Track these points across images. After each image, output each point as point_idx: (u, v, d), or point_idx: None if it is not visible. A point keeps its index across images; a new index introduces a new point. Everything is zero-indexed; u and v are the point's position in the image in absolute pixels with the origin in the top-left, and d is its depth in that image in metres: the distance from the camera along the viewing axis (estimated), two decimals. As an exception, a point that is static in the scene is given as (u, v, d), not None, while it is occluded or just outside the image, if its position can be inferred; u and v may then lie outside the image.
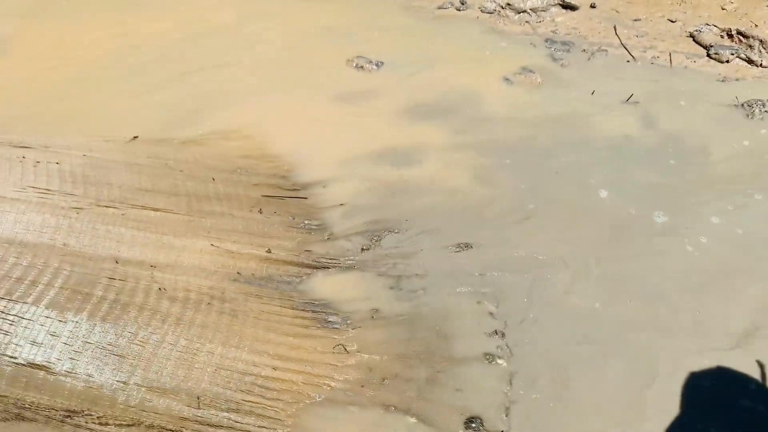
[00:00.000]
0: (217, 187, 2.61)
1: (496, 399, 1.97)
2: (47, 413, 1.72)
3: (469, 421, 1.90)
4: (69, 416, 1.72)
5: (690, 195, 2.69)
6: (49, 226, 2.20)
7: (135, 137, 2.84)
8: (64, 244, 2.16)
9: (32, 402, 1.73)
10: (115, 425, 1.75)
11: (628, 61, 3.61)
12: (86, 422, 1.73)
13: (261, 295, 2.19)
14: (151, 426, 1.78)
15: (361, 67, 3.66)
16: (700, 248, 2.44)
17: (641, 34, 3.77)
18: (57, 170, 2.38)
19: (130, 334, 1.86)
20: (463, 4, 4.15)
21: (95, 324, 1.85)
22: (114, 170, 2.51)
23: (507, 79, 3.45)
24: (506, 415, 1.93)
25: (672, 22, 3.79)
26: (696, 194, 2.69)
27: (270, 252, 2.36)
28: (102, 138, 2.83)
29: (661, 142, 3.00)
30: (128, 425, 1.76)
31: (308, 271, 2.38)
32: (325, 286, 2.31)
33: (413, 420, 1.91)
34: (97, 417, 1.73)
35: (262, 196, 2.64)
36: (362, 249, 2.47)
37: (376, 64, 3.66)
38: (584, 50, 3.71)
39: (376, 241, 2.51)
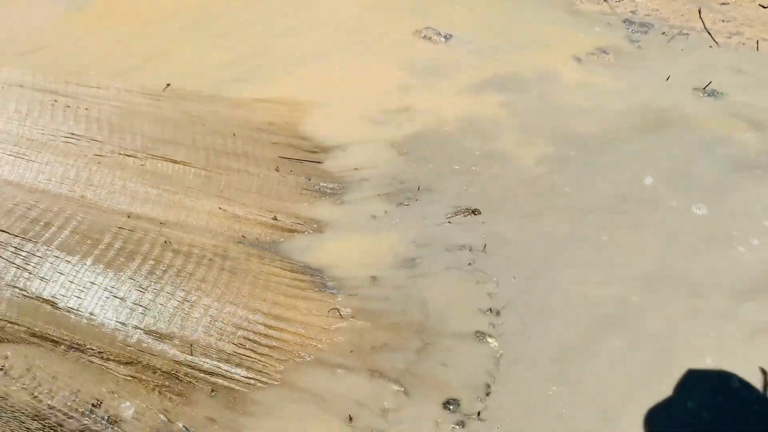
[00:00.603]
0: (243, 146, 2.69)
1: (479, 379, 1.98)
2: (53, 342, 1.82)
3: (448, 402, 1.90)
4: (72, 348, 1.82)
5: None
6: (68, 179, 2.32)
7: (168, 85, 2.90)
8: (82, 197, 2.27)
9: (40, 331, 1.83)
10: (115, 361, 1.83)
11: (710, 47, 3.41)
12: (88, 354, 1.82)
13: (262, 256, 2.25)
14: (147, 366, 1.86)
15: (429, 38, 3.57)
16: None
17: (728, 18, 3.58)
18: (85, 116, 2.50)
19: (131, 281, 1.94)
20: None
21: (100, 268, 1.95)
22: (140, 119, 2.62)
23: (578, 59, 3.36)
24: (486, 395, 1.93)
25: (764, 8, 3.58)
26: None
27: (276, 219, 2.42)
28: (142, 89, 2.94)
29: (748, 138, 2.82)
30: (126, 363, 1.84)
31: (313, 236, 2.43)
32: (328, 251, 2.36)
33: (396, 388, 1.93)
34: (98, 351, 1.81)
35: (286, 158, 2.70)
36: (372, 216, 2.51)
37: (445, 36, 3.57)
38: (664, 33, 3.55)
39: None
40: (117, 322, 1.89)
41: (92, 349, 1.82)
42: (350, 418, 1.84)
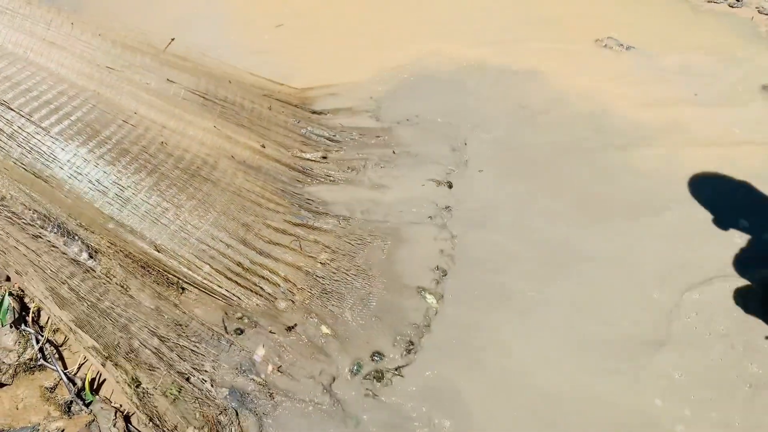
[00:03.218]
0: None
1: (407, 335, 2.11)
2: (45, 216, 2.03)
3: (374, 354, 2.03)
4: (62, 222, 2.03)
5: None
6: (84, 74, 2.50)
7: (172, 39, 3.02)
8: (95, 91, 2.45)
9: (37, 200, 2.03)
10: (98, 236, 2.04)
11: None
12: (75, 227, 2.04)
13: (249, 173, 2.44)
14: (122, 250, 2.06)
15: (610, 47, 3.53)
16: None
17: None
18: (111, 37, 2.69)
19: (115, 177, 2.13)
20: (738, 0, 3.80)
21: (91, 159, 2.14)
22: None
23: (765, 87, 3.13)
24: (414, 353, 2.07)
25: None
26: None
27: (264, 147, 2.60)
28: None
29: None
30: (108, 243, 2.05)
31: (296, 174, 2.62)
32: (310, 187, 2.55)
33: (327, 331, 2.09)
34: (82, 225, 2.02)
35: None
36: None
37: (626, 48, 3.50)
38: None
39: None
40: (97, 209, 2.08)
41: (78, 221, 2.03)
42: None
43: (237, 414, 1.80)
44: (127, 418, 1.73)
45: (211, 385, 1.84)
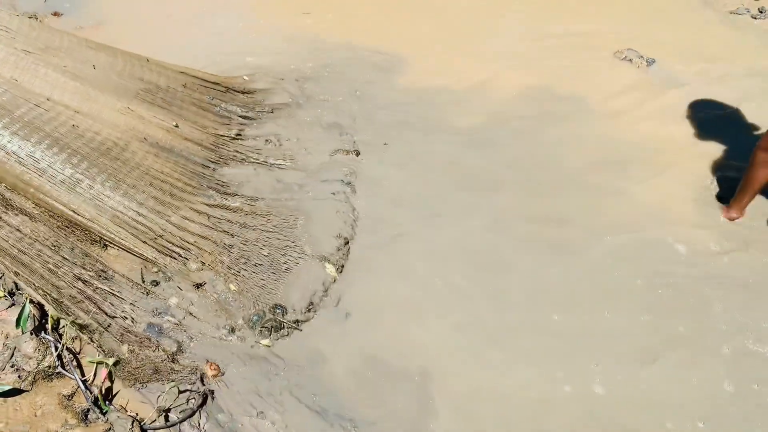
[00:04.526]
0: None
1: (310, 295, 2.36)
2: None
3: (275, 306, 2.28)
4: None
5: None
6: (-2, 58, 2.65)
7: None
8: (11, 77, 2.60)
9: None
10: (21, 197, 2.25)
11: None
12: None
13: (159, 155, 2.66)
14: (48, 211, 2.27)
15: (630, 60, 3.37)
16: None
17: None
18: (29, 21, 2.82)
19: (30, 150, 2.32)
20: (762, 12, 3.70)
21: (6, 134, 2.31)
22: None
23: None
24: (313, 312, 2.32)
25: None
26: None
27: (177, 126, 2.83)
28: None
29: None
30: (33, 205, 2.25)
31: (207, 153, 2.85)
32: (221, 166, 2.79)
33: (233, 287, 2.32)
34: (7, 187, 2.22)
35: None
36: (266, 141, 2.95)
37: (647, 61, 3.35)
38: None
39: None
40: (12, 176, 2.28)
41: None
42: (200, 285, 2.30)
43: (158, 341, 2.05)
44: (143, 428, 1.78)
45: (132, 321, 2.09)
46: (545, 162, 2.98)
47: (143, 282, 2.26)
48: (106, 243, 2.39)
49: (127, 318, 2.17)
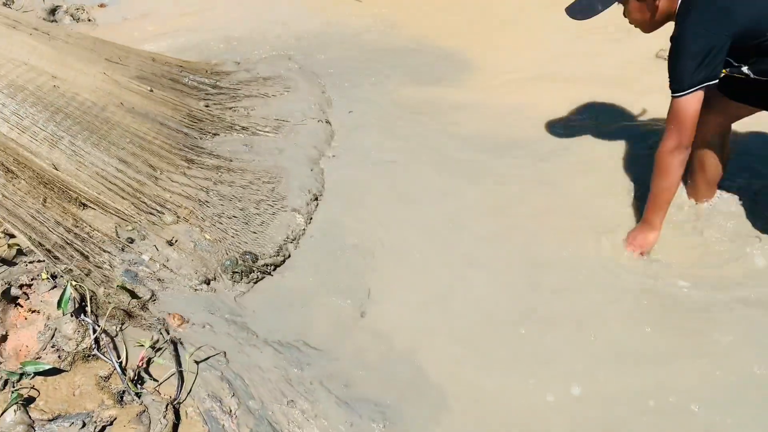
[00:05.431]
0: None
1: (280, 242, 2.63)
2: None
3: (245, 253, 2.51)
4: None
5: None
6: (-25, 23, 2.76)
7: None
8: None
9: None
10: (2, 152, 2.38)
11: None
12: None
13: (136, 117, 2.84)
14: (28, 167, 2.41)
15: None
16: None
17: None
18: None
19: (14, 108, 2.46)
20: None
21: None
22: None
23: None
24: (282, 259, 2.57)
25: None
26: None
27: (152, 92, 3.00)
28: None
29: None
30: (14, 161, 2.38)
31: (184, 119, 3.04)
32: (197, 132, 2.99)
33: (208, 237, 2.53)
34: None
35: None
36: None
37: None
38: None
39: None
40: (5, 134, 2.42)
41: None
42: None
43: (134, 287, 2.23)
44: (176, 412, 1.80)
45: (110, 267, 2.26)
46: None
47: (118, 237, 2.43)
48: (83, 203, 2.54)
49: (105, 264, 2.33)
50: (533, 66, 3.99)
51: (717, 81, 2.08)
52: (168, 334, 2.08)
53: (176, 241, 2.47)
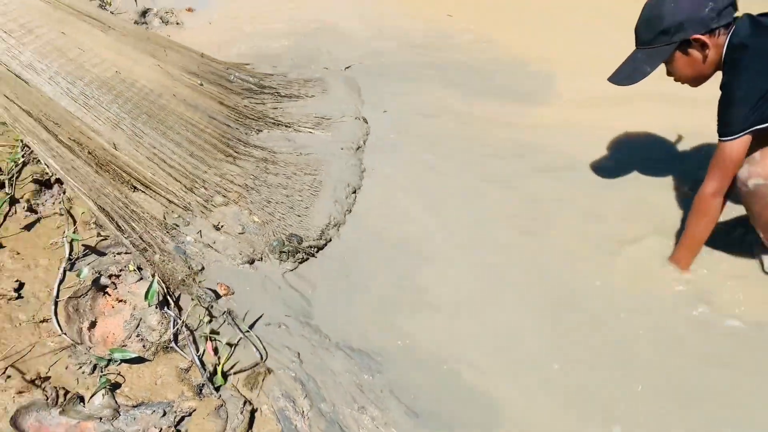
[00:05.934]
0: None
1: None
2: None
3: (291, 235, 2.62)
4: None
5: None
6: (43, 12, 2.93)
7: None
8: (60, 31, 2.88)
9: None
10: (65, 130, 2.51)
11: None
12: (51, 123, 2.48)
13: (188, 107, 2.99)
14: (86, 147, 2.54)
15: None
16: None
17: None
18: None
19: (81, 89, 2.61)
20: None
21: (61, 72, 2.59)
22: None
23: None
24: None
25: None
26: None
27: (202, 85, 3.16)
28: None
29: None
30: (75, 142, 2.52)
31: (230, 114, 3.19)
32: (245, 128, 3.13)
33: (256, 219, 2.71)
34: (55, 122, 2.48)
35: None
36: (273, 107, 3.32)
37: None
38: None
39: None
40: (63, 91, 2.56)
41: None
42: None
43: (185, 259, 2.34)
44: (253, 410, 1.84)
45: (162, 242, 2.37)
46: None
47: (165, 220, 2.53)
48: (135, 186, 2.66)
49: (157, 239, 2.45)
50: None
51: (766, 125, 2.07)
52: (217, 301, 2.19)
53: (223, 226, 2.59)
